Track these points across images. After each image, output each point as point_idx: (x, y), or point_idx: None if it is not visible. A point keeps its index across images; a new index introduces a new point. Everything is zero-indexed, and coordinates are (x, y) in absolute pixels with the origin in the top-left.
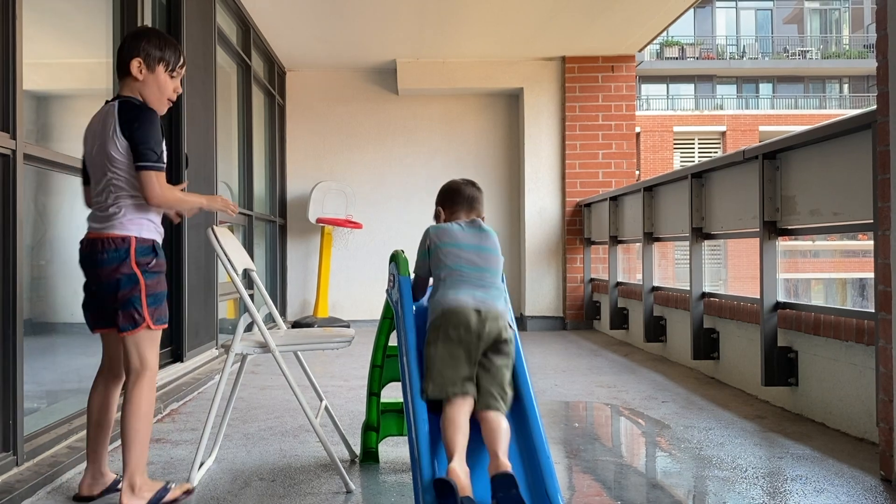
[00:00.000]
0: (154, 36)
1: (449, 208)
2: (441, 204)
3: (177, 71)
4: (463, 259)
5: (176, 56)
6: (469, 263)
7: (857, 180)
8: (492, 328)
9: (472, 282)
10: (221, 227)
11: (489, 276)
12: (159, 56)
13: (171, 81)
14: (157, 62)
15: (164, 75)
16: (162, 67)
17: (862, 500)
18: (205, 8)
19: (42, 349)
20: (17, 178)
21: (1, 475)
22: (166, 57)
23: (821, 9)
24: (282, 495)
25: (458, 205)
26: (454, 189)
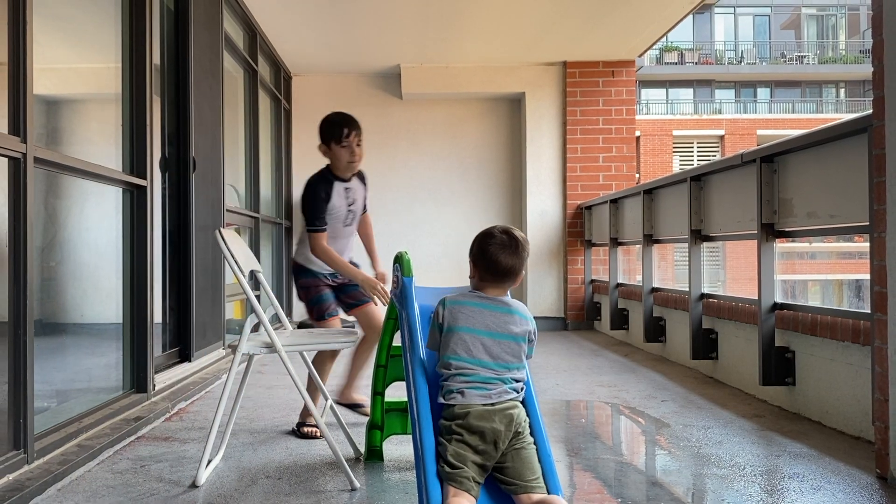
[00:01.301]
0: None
1: (480, 275)
2: (474, 262)
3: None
4: (475, 352)
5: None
6: (482, 358)
7: (854, 183)
8: (508, 431)
9: (484, 380)
10: (228, 230)
11: (504, 372)
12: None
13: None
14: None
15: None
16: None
17: (858, 497)
18: (212, 14)
19: (52, 349)
20: (28, 180)
21: (11, 473)
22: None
23: (818, 15)
24: (288, 493)
25: (492, 275)
26: (492, 259)
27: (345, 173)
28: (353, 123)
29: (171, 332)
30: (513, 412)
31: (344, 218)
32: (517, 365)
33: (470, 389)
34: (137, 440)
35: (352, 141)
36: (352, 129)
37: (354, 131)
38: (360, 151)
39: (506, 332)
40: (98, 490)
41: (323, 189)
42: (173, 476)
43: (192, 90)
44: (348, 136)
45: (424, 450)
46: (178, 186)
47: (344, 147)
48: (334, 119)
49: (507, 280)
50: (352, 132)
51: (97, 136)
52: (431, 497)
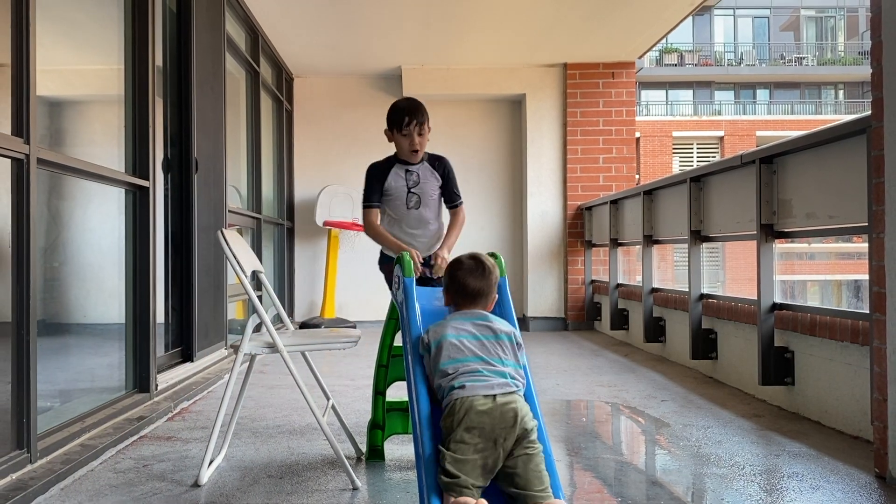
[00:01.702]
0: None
1: (453, 299)
2: (446, 289)
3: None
4: (466, 351)
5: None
6: (477, 353)
7: (852, 184)
8: (512, 429)
9: (483, 373)
10: (231, 230)
11: (501, 366)
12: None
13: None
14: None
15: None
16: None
17: (857, 496)
18: (214, 16)
19: (55, 349)
20: (31, 181)
21: (15, 472)
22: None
23: (816, 16)
24: (290, 492)
25: (463, 298)
26: (461, 283)
27: (409, 159)
28: (417, 112)
29: (174, 332)
30: (515, 406)
31: (406, 200)
32: (513, 363)
33: (471, 382)
34: (140, 440)
35: (412, 130)
36: (412, 118)
37: (416, 120)
38: (421, 141)
39: (489, 332)
40: (101, 489)
41: (378, 169)
42: (176, 475)
43: (195, 91)
44: (409, 124)
45: (425, 449)
46: (181, 187)
47: (405, 136)
48: (399, 105)
49: (477, 301)
50: (412, 121)
51: (100, 137)
52: (432, 497)
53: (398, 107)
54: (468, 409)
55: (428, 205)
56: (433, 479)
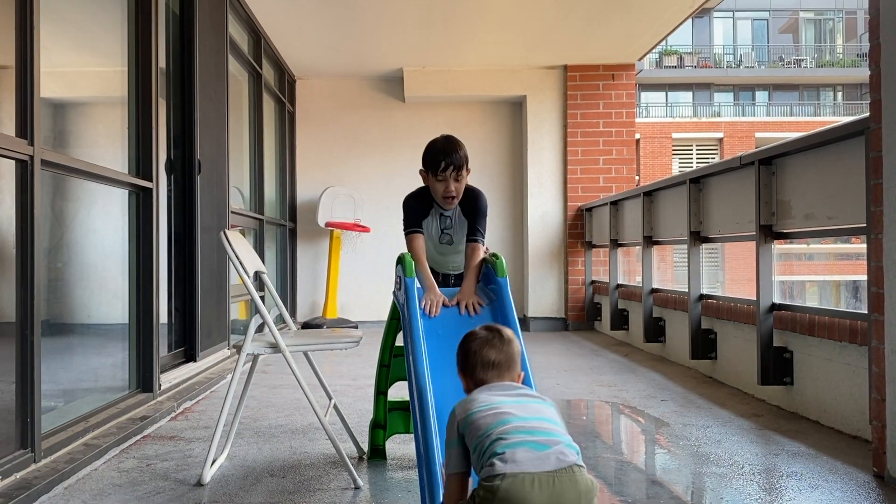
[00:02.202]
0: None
1: (473, 379)
2: (462, 370)
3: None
4: (506, 415)
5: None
6: (519, 414)
7: (851, 185)
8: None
9: (533, 434)
10: (233, 231)
11: (553, 427)
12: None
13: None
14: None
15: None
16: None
17: (855, 495)
18: (217, 18)
19: (59, 349)
20: (35, 183)
21: (19, 472)
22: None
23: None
24: (292, 491)
25: (485, 371)
26: (477, 355)
27: (442, 205)
28: (455, 157)
29: (177, 332)
30: (581, 479)
31: (438, 238)
32: (561, 429)
33: (516, 447)
34: (143, 439)
35: (448, 176)
36: (450, 163)
37: (453, 165)
38: (458, 187)
39: (525, 396)
40: (104, 488)
41: (418, 207)
42: (179, 475)
43: (198, 93)
44: (445, 169)
45: (427, 449)
46: (184, 188)
47: (440, 181)
48: (435, 146)
49: (502, 373)
50: (449, 166)
51: (103, 138)
52: (434, 496)
53: (434, 148)
54: (516, 495)
55: (460, 241)
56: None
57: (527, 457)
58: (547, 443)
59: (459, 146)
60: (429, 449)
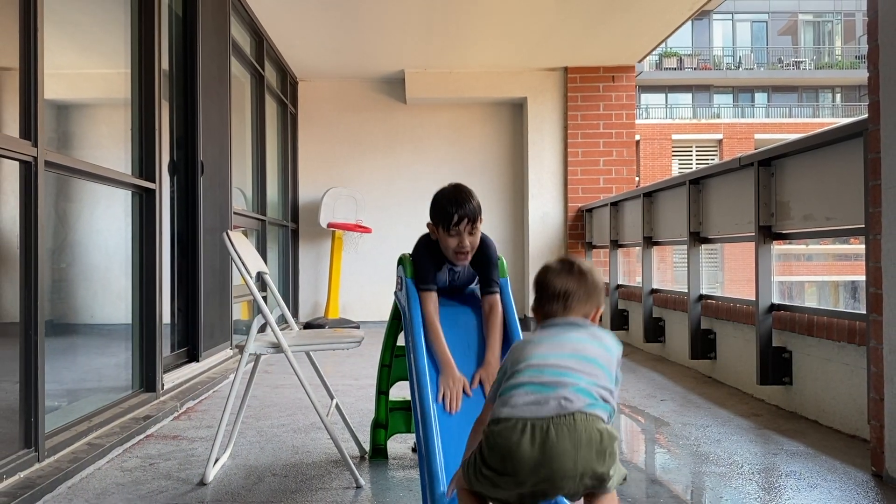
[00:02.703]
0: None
1: (537, 307)
2: (533, 306)
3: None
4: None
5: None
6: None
7: (849, 186)
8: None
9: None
10: (236, 232)
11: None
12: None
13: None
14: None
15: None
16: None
17: (854, 494)
18: (220, 20)
19: (62, 349)
20: (39, 184)
21: (23, 471)
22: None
23: (814, 21)
24: (294, 490)
25: (548, 300)
26: (537, 282)
27: (453, 260)
28: (468, 207)
29: (180, 332)
30: (583, 427)
31: (448, 283)
32: (590, 372)
33: (519, 389)
34: (146, 439)
35: (462, 230)
36: (463, 217)
37: (467, 218)
38: (472, 241)
39: (574, 331)
40: (108, 488)
41: (432, 258)
42: (182, 474)
43: (200, 95)
44: (458, 223)
45: (428, 448)
46: (187, 189)
47: (452, 236)
48: (446, 199)
49: (569, 307)
50: (462, 220)
51: (107, 140)
52: (436, 495)
53: (443, 199)
54: (504, 443)
55: (465, 286)
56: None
57: (524, 400)
58: (553, 384)
59: (471, 195)
60: (429, 448)
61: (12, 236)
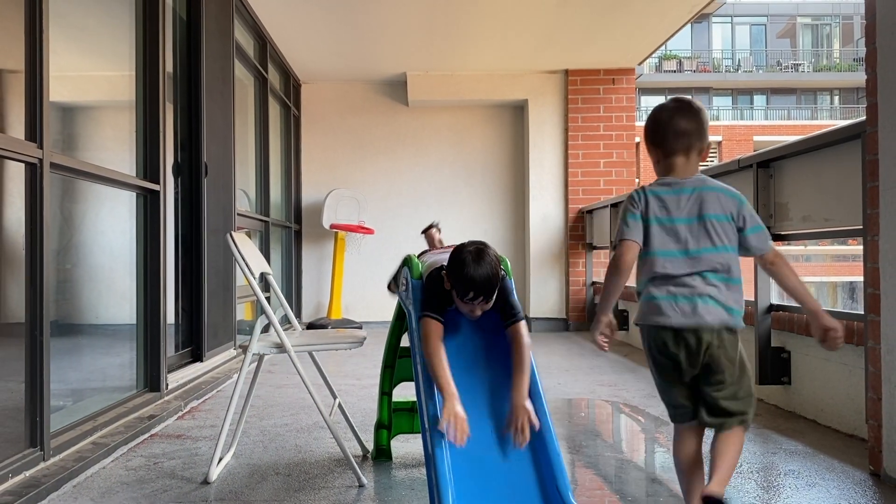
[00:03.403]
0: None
1: (661, 149)
2: (652, 142)
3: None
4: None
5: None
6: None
7: (847, 188)
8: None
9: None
10: (239, 233)
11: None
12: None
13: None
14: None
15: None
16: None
17: (852, 493)
18: (223, 23)
19: (67, 349)
20: (44, 185)
21: (28, 470)
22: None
23: (812, 24)
24: (297, 489)
25: (672, 144)
26: (658, 121)
27: (463, 313)
28: (488, 288)
29: (184, 332)
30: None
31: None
32: (721, 258)
33: (661, 300)
34: (151, 438)
35: (475, 306)
36: (478, 296)
37: (483, 297)
38: (484, 308)
39: (695, 213)
40: (112, 486)
41: (442, 297)
42: (186, 473)
43: (204, 97)
44: (473, 299)
45: (434, 450)
46: (191, 191)
47: (465, 304)
48: (468, 274)
49: (690, 148)
50: (478, 297)
51: (111, 142)
52: (442, 497)
53: (465, 271)
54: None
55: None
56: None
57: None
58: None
59: (493, 272)
60: (436, 449)
61: (18, 237)
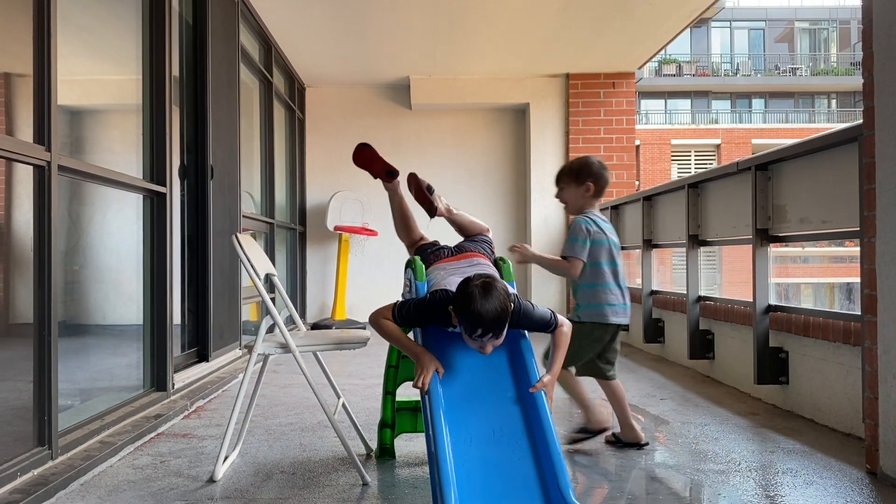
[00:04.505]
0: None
1: (597, 187)
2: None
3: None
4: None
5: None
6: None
7: (844, 190)
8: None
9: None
10: (245, 235)
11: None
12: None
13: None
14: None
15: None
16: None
17: (849, 491)
18: (229, 28)
19: (75, 350)
20: (52, 188)
21: (37, 468)
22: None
23: (810, 28)
24: (302, 487)
25: (605, 191)
26: (602, 174)
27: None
28: (497, 327)
29: (190, 332)
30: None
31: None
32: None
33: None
34: (157, 437)
35: (485, 342)
36: (488, 331)
37: (491, 333)
38: (495, 344)
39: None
40: (119, 485)
41: (429, 319)
42: (192, 471)
43: (210, 101)
44: (481, 336)
45: (438, 449)
46: (197, 193)
47: (474, 340)
48: (475, 311)
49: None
50: (486, 335)
51: (118, 144)
52: (445, 495)
53: (472, 308)
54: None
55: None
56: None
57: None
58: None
59: (503, 310)
60: (439, 448)
61: (26, 239)
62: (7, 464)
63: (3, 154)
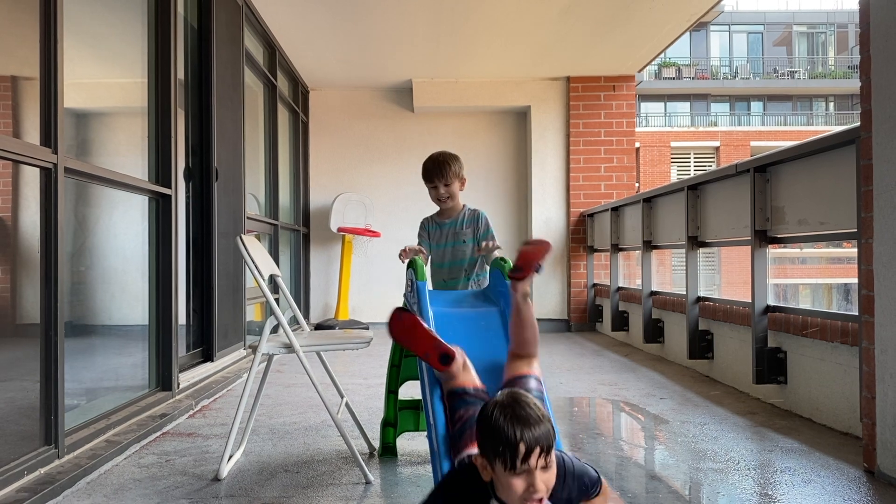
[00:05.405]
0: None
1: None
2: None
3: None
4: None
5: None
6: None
7: (842, 192)
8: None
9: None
10: (249, 236)
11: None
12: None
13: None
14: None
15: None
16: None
17: (847, 490)
18: (233, 31)
19: (81, 350)
20: (59, 190)
21: (43, 467)
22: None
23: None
24: (305, 485)
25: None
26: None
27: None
28: (541, 430)
29: (195, 333)
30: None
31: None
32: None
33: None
34: (163, 436)
35: (534, 466)
36: (535, 446)
37: (540, 447)
38: (547, 479)
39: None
40: (125, 483)
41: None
42: (197, 470)
43: (215, 104)
44: (527, 458)
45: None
46: (202, 195)
47: (519, 475)
48: (504, 418)
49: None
50: (534, 450)
51: (124, 147)
52: None
53: (499, 419)
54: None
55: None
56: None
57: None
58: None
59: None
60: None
61: (33, 240)
62: (14, 462)
63: (11, 156)
